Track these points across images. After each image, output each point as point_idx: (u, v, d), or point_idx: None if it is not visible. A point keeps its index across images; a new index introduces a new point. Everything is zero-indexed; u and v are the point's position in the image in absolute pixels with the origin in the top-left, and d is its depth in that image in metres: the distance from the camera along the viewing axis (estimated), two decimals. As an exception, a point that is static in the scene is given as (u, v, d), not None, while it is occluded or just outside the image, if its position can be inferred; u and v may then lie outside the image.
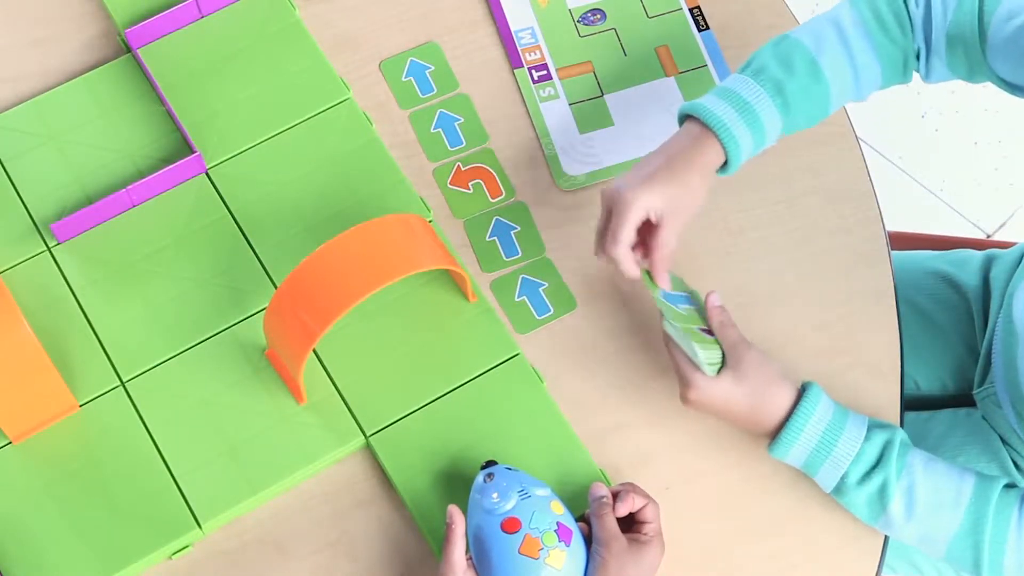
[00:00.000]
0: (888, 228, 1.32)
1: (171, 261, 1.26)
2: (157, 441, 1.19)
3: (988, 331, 1.36)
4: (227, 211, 1.28)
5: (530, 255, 1.29)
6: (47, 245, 1.27)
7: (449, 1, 1.40)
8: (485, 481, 1.11)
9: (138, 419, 1.20)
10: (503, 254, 1.29)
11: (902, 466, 1.13)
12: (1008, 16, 1.14)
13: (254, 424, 1.20)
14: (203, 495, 1.17)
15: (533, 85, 1.36)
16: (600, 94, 1.36)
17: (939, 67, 1.21)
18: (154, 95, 1.33)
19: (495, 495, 1.10)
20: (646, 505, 1.11)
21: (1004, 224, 2.18)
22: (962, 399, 1.40)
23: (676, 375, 1.16)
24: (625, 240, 1.14)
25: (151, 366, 1.22)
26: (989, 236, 2.16)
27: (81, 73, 1.35)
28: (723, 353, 1.14)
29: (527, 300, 1.27)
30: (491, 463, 1.13)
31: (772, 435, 1.15)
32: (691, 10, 1.40)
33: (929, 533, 1.13)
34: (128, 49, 1.36)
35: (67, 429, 1.19)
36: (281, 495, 1.19)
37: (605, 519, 1.10)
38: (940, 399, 1.42)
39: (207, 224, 1.28)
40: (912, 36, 1.20)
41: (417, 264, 1.16)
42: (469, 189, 1.32)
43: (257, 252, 1.26)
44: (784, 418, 1.14)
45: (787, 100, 1.18)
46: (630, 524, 1.12)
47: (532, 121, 1.35)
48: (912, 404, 1.40)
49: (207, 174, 1.30)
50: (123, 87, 1.34)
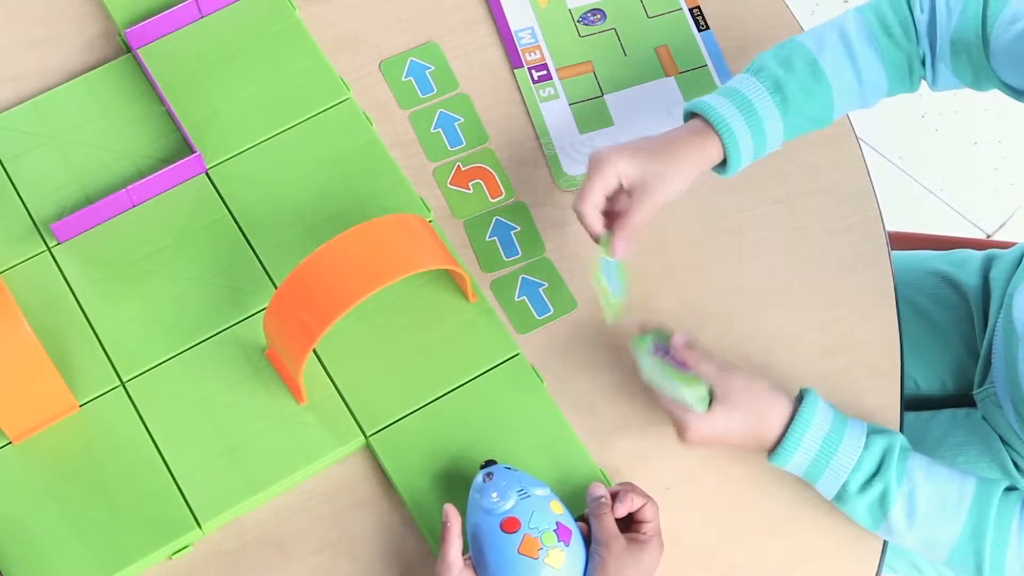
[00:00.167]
0: (888, 228, 1.32)
1: (171, 261, 1.26)
2: (157, 441, 1.19)
3: (988, 331, 1.36)
4: (227, 211, 1.28)
5: (530, 255, 1.29)
6: (47, 245, 1.27)
7: (449, 1, 1.40)
8: (484, 481, 1.11)
9: (138, 419, 1.20)
10: (503, 254, 1.29)
11: (902, 473, 1.13)
12: (1012, 20, 1.14)
13: (254, 424, 1.20)
14: (203, 495, 1.17)
15: (533, 85, 1.36)
16: (600, 94, 1.36)
17: (945, 73, 1.21)
18: (154, 95, 1.33)
19: (494, 495, 1.10)
20: (645, 504, 1.11)
21: (1004, 224, 2.17)
22: (962, 399, 1.40)
23: (670, 419, 1.15)
24: (591, 198, 1.16)
25: (151, 366, 1.22)
26: (989, 236, 2.16)
27: (81, 73, 1.35)
28: (708, 386, 1.14)
29: (527, 300, 1.27)
30: (490, 463, 1.13)
31: (772, 446, 1.15)
32: (691, 10, 1.40)
33: (931, 539, 1.13)
34: (128, 49, 1.36)
35: (67, 429, 1.19)
36: (281, 495, 1.19)
37: (604, 519, 1.10)
38: (940, 399, 1.42)
39: (207, 224, 1.28)
40: (917, 42, 1.20)
41: (417, 264, 1.16)
42: (469, 189, 1.32)
43: (257, 252, 1.26)
44: (783, 430, 1.14)
45: (786, 97, 1.19)
46: (629, 523, 1.12)
47: (532, 121, 1.35)
48: (912, 404, 1.40)
49: (207, 174, 1.30)
50: (123, 87, 1.34)
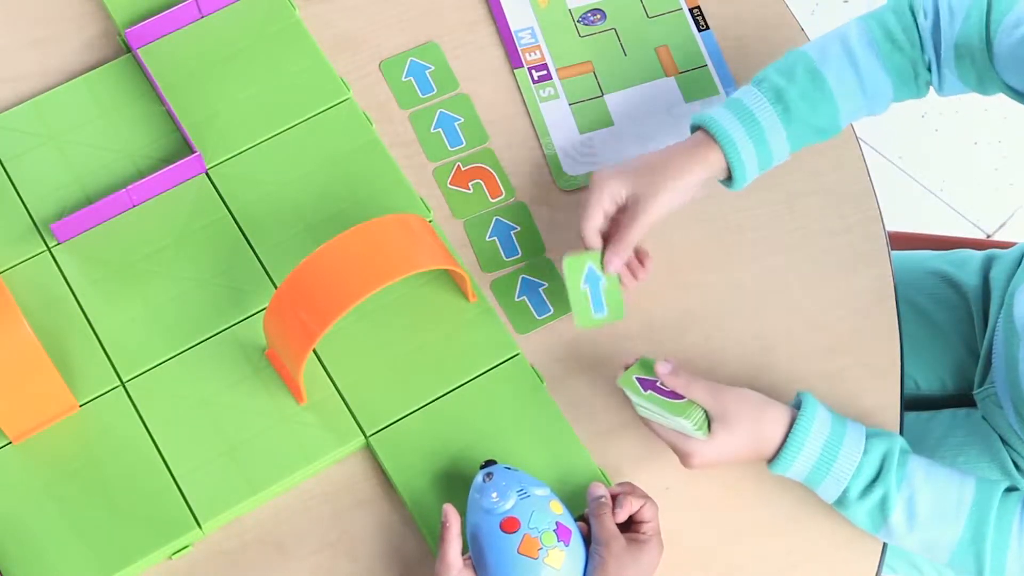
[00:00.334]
0: (888, 228, 1.32)
1: (171, 261, 1.26)
2: (157, 441, 1.19)
3: (988, 331, 1.36)
4: (227, 211, 1.28)
5: (530, 255, 1.29)
6: (47, 245, 1.27)
7: (449, 1, 1.40)
8: (484, 481, 1.11)
9: (138, 419, 1.20)
10: (503, 254, 1.29)
11: (902, 477, 1.12)
12: (1015, 24, 1.14)
13: (254, 424, 1.20)
14: (203, 495, 1.17)
15: (533, 85, 1.36)
16: (600, 94, 1.36)
17: (950, 78, 1.21)
18: (154, 95, 1.33)
19: (494, 495, 1.10)
20: (644, 504, 1.11)
21: (1004, 224, 2.17)
22: (962, 399, 1.40)
23: (672, 450, 1.15)
24: (591, 221, 1.19)
25: (151, 366, 1.22)
26: (989, 236, 2.16)
27: (81, 73, 1.35)
28: (704, 409, 1.14)
29: (527, 300, 1.27)
30: (490, 463, 1.13)
31: (772, 455, 1.15)
32: (691, 10, 1.40)
33: (931, 542, 1.13)
34: (128, 49, 1.36)
35: (67, 429, 1.19)
36: (281, 495, 1.19)
37: (604, 519, 1.10)
38: (940, 399, 1.42)
39: (207, 224, 1.28)
40: (922, 47, 1.21)
41: (417, 264, 1.16)
42: (469, 189, 1.31)
43: (257, 252, 1.26)
44: (783, 438, 1.14)
45: (788, 106, 1.19)
46: (629, 523, 1.12)
47: (532, 121, 1.35)
48: (912, 404, 1.40)
49: (207, 174, 1.30)
50: (123, 87, 1.34)
